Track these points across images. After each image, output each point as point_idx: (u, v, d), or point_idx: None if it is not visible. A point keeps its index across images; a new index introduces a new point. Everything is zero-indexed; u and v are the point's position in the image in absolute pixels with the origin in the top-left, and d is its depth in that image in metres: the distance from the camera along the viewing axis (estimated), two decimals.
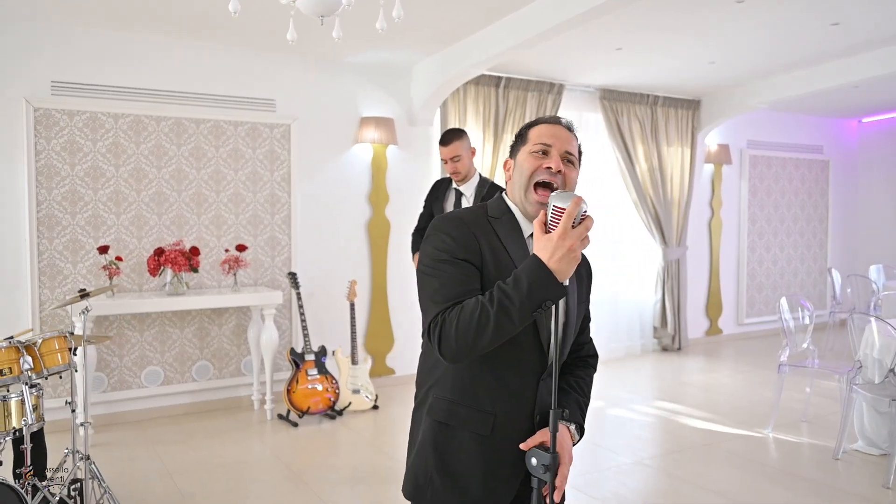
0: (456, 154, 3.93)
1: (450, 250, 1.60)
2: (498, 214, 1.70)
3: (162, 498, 3.77)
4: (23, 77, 4.68)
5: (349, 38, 5.24)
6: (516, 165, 1.72)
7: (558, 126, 1.73)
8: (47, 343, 3.22)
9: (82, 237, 4.90)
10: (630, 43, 5.64)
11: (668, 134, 7.61)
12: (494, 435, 1.66)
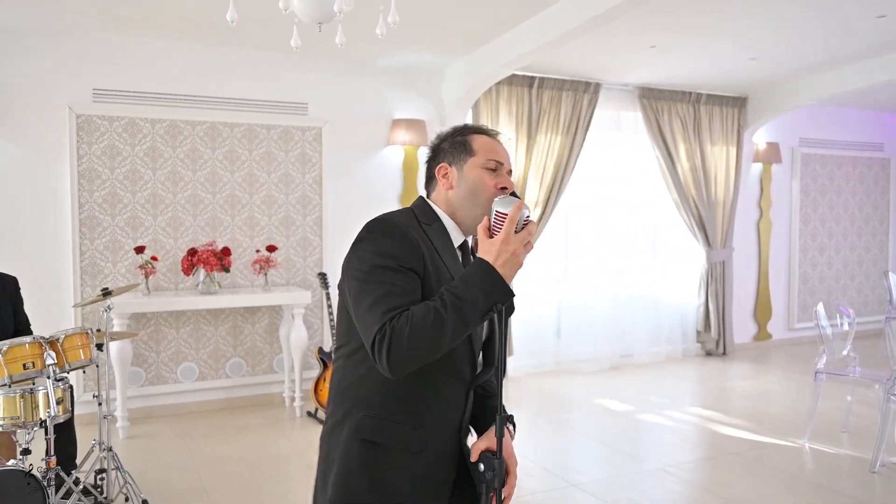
0: None
1: (394, 256, 1.52)
2: (429, 221, 1.66)
3: (184, 489, 3.90)
4: (66, 85, 4.93)
5: (379, 42, 5.31)
6: (462, 177, 1.67)
7: (498, 141, 1.73)
8: (70, 339, 3.38)
9: (122, 237, 5.12)
10: (663, 41, 5.53)
11: (711, 132, 7.40)
12: (426, 449, 1.62)
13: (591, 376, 6.67)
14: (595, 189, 7.04)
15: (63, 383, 3.36)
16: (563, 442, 4.85)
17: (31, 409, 3.20)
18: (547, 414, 5.46)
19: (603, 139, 6.99)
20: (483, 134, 1.71)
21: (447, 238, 1.67)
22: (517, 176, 6.39)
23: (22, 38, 4.82)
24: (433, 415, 1.62)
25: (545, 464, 4.31)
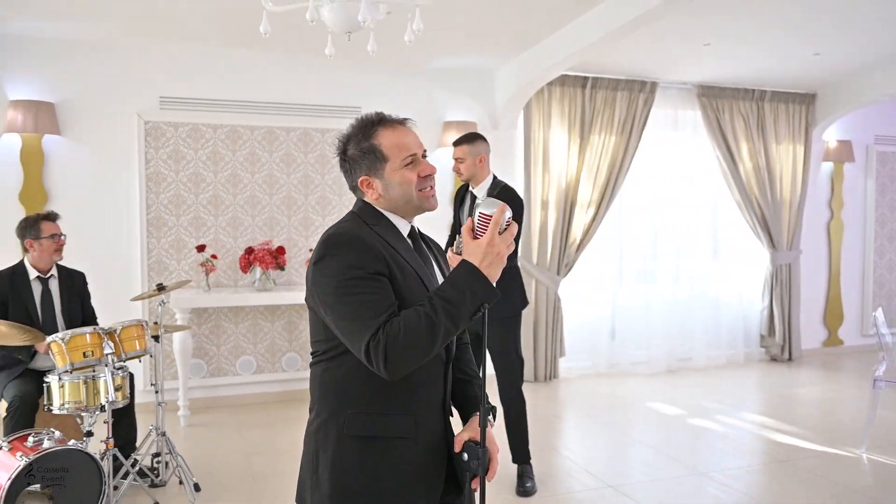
0: (459, 156, 3.95)
1: (361, 266, 1.56)
2: (375, 221, 1.70)
3: (234, 475, 4.11)
4: (135, 94, 5.27)
5: (430, 46, 5.43)
6: (387, 184, 1.70)
7: (401, 127, 1.74)
8: (127, 330, 3.63)
9: (185, 237, 5.43)
10: (718, 38, 5.42)
11: (777, 131, 7.17)
12: (418, 433, 1.67)
13: (645, 379, 6.58)
14: (652, 189, 6.94)
15: (122, 371, 3.62)
16: (607, 444, 4.82)
17: (92, 394, 3.47)
18: (595, 415, 5.43)
19: (660, 138, 6.88)
20: (385, 128, 1.72)
21: (396, 231, 1.72)
22: (570, 175, 6.38)
23: (94, 50, 5.18)
24: (418, 398, 1.68)
25: (586, 465, 4.31)
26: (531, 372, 6.40)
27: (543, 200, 6.36)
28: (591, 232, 6.49)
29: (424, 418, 1.69)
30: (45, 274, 3.95)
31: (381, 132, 1.71)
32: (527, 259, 6.36)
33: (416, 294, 1.62)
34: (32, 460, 3.05)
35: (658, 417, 5.37)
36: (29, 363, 3.80)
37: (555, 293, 6.42)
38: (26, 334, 3.41)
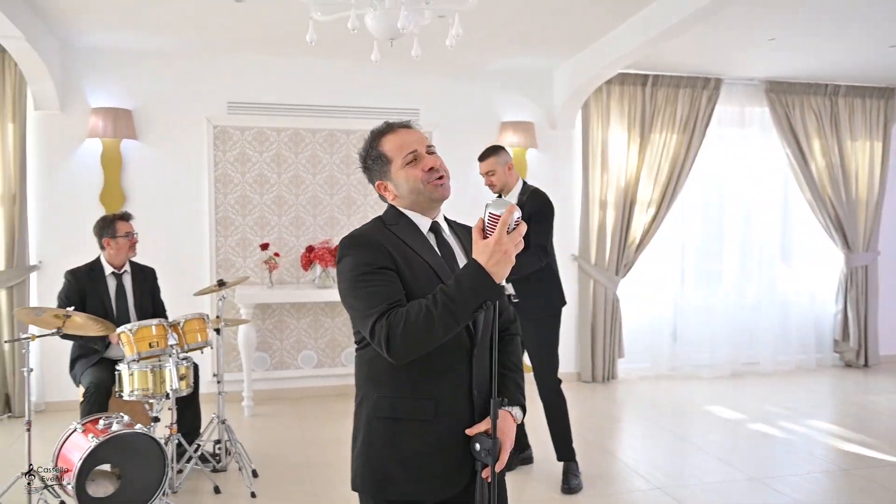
0: (490, 169, 4.02)
1: (368, 262, 1.70)
2: (395, 221, 1.82)
3: (288, 462, 4.29)
4: (205, 100, 5.56)
5: (487, 48, 5.51)
6: (397, 184, 1.81)
7: (402, 130, 1.84)
8: (189, 323, 3.86)
9: (250, 235, 5.68)
10: (784, 31, 5.24)
11: (852, 127, 6.87)
12: (439, 418, 1.76)
13: (708, 382, 6.43)
14: (717, 188, 6.79)
15: (186, 362, 3.84)
16: (660, 446, 4.76)
17: (158, 382, 3.70)
18: (651, 417, 5.36)
19: (725, 136, 6.71)
20: (388, 134, 1.83)
21: (414, 229, 1.82)
22: (630, 174, 6.32)
23: (167, 60, 5.50)
24: (440, 384, 1.76)
25: (636, 466, 4.28)
26: (589, 372, 6.37)
27: (602, 200, 6.32)
28: (652, 232, 6.40)
29: (447, 404, 1.76)
30: (120, 270, 4.23)
31: (385, 138, 1.83)
32: (584, 259, 6.33)
33: (424, 286, 1.70)
34: (102, 441, 3.30)
35: (717, 421, 5.26)
36: (104, 352, 4.08)
37: (613, 294, 6.37)
38: (100, 325, 3.67)
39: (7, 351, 5.19)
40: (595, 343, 6.36)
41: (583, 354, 6.40)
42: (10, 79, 5.09)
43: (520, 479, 4.00)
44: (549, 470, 4.06)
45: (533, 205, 3.93)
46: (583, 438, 4.56)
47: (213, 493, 3.82)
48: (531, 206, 3.93)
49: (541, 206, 3.96)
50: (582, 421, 5.09)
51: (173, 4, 4.52)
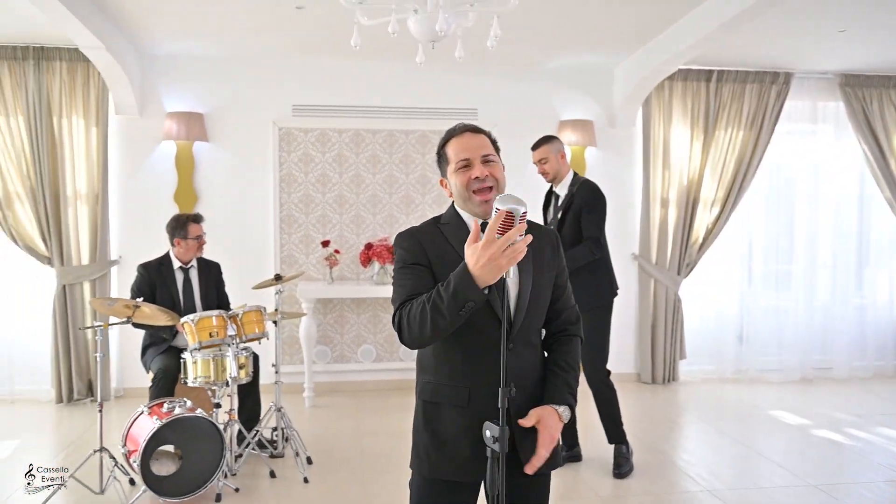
0: (542, 157, 4.08)
1: (404, 259, 1.91)
2: (448, 220, 1.96)
3: (344, 453, 4.45)
4: (271, 103, 5.80)
5: (546, 46, 5.53)
6: (451, 184, 1.96)
7: (465, 134, 1.94)
8: (247, 315, 4.07)
9: (313, 233, 5.90)
10: (856, 23, 5.03)
11: None
12: (472, 406, 1.86)
13: (775, 387, 6.23)
14: (787, 185, 6.57)
15: (246, 352, 4.06)
16: (714, 448, 4.66)
17: (219, 370, 3.92)
18: (709, 420, 5.25)
19: (796, 132, 6.48)
20: (455, 136, 1.96)
21: (462, 229, 1.91)
22: (693, 172, 6.19)
23: (236, 65, 5.78)
24: (473, 373, 1.87)
25: (687, 467, 4.22)
26: (649, 374, 6.28)
27: (663, 198, 6.22)
28: (716, 231, 6.25)
29: (479, 392, 1.85)
30: (187, 264, 4.49)
31: (451, 140, 1.97)
32: (645, 258, 6.25)
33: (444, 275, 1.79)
34: (165, 423, 3.53)
35: (777, 426, 5.10)
36: (172, 341, 4.35)
37: (675, 293, 6.25)
38: (166, 316, 3.93)
39: (90, 340, 5.58)
40: (655, 344, 6.27)
41: (642, 355, 6.31)
42: (94, 86, 5.47)
43: (570, 472, 4.03)
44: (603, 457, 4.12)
45: (583, 196, 3.98)
46: (637, 438, 4.53)
47: (269, 477, 4.01)
48: (581, 198, 3.97)
49: (592, 198, 3.99)
50: (638, 422, 5.04)
51: (240, 13, 4.76)
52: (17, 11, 4.59)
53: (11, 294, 5.62)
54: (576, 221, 3.98)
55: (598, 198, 4.03)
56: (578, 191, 4.01)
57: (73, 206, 5.53)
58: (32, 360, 5.65)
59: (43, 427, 5.08)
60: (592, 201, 3.99)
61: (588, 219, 3.96)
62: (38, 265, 5.52)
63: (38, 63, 5.39)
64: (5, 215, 5.41)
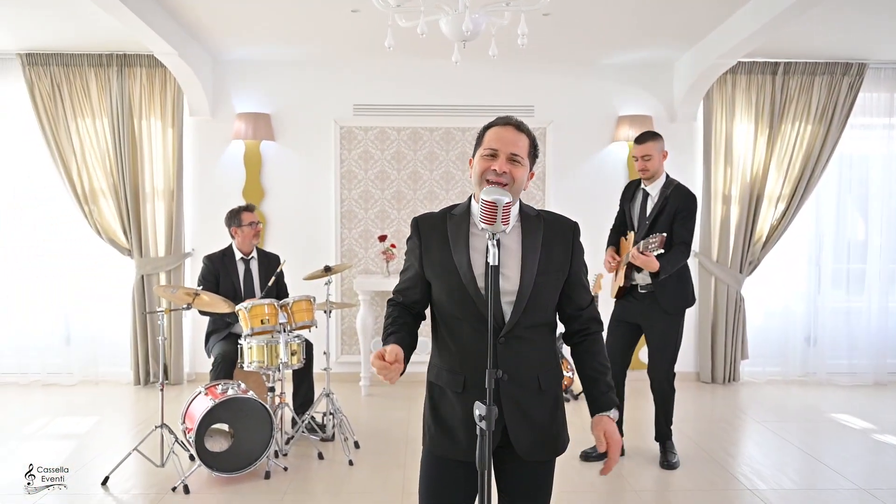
0: (647, 153, 4.01)
1: (406, 254, 2.11)
2: (458, 212, 2.02)
3: (390, 437, 4.62)
4: (333, 103, 6.05)
5: (604, 42, 5.53)
6: (473, 167, 1.98)
7: (508, 127, 1.94)
8: (297, 304, 4.28)
9: (372, 228, 6.10)
10: None
11: None
12: (467, 392, 1.94)
13: (844, 390, 5.99)
14: (860, 181, 6.29)
15: (298, 339, 4.28)
16: (766, 448, 4.54)
17: (272, 356, 4.16)
18: (765, 421, 5.10)
19: (871, 125, 6.19)
20: (494, 126, 1.97)
21: (465, 221, 1.99)
22: (756, 168, 6.02)
23: (299, 68, 6.06)
24: (468, 363, 1.95)
25: (734, 466, 4.15)
26: (708, 373, 6.16)
27: (725, 195, 6.08)
28: (781, 228, 6.06)
29: (473, 380, 1.94)
30: (248, 256, 4.77)
31: (493, 128, 1.99)
32: (706, 256, 6.13)
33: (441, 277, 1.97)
34: (218, 403, 3.79)
35: (837, 428, 4.92)
36: (233, 327, 4.63)
37: (737, 292, 6.10)
38: (225, 303, 4.20)
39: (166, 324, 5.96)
40: (716, 343, 6.14)
41: (702, 354, 6.19)
42: (170, 90, 5.86)
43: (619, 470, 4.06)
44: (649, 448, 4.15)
45: (678, 200, 3.98)
46: (685, 435, 4.49)
47: (317, 458, 4.21)
48: (675, 202, 3.97)
49: (687, 203, 4.00)
50: (692, 420, 4.99)
51: (302, 18, 5.00)
52: (101, 22, 4.98)
53: (95, 283, 6.09)
54: (668, 224, 3.95)
55: (693, 203, 4.02)
56: (673, 194, 3.99)
57: (151, 202, 5.95)
58: (114, 345, 6.11)
59: (121, 406, 5.49)
60: (687, 207, 3.98)
61: (681, 223, 3.95)
62: (119, 256, 5.97)
63: (120, 69, 5.83)
64: (90, 210, 5.87)
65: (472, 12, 2.95)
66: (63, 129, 5.81)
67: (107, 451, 4.29)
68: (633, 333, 4.19)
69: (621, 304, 4.19)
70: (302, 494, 3.74)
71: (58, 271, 6.04)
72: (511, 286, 1.94)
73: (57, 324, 6.11)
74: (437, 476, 2.05)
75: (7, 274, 6.04)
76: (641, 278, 4.02)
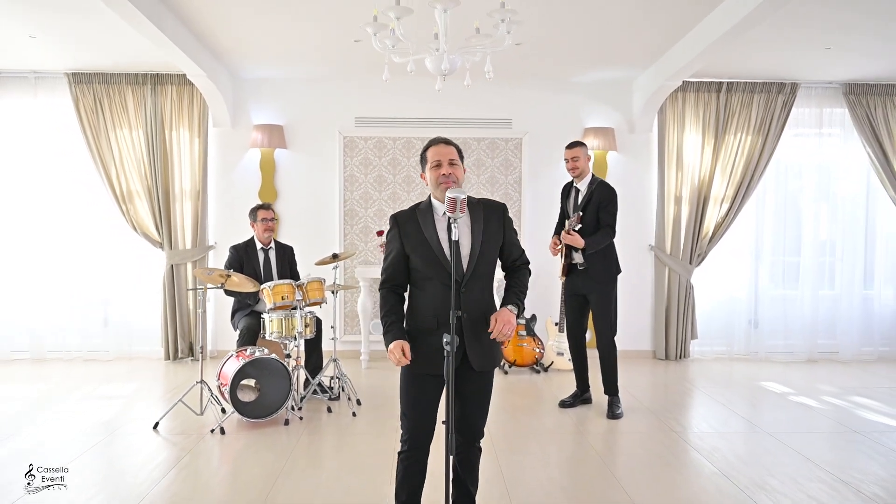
0: (575, 156, 5.07)
1: (387, 243, 2.91)
2: (423, 207, 2.87)
3: (385, 398, 5.51)
4: (337, 116, 6.98)
5: (573, 63, 6.46)
6: (427, 177, 2.87)
7: (440, 144, 2.86)
8: (311, 284, 5.19)
9: (371, 224, 7.03)
10: (837, 40, 5.72)
11: None
12: (439, 329, 2.81)
13: (781, 366, 6.92)
14: (795, 184, 7.23)
15: (310, 314, 5.20)
16: (697, 406, 5.47)
17: (290, 327, 5.06)
18: (705, 388, 6.01)
19: (803, 136, 7.14)
20: (431, 146, 2.88)
21: (429, 212, 2.88)
22: (703, 173, 6.97)
23: (307, 85, 6.99)
24: (439, 308, 2.81)
25: (668, 419, 5.07)
26: (663, 351, 7.10)
27: (677, 196, 7.02)
28: (725, 225, 7.00)
29: (443, 321, 2.80)
30: (266, 246, 5.68)
31: (430, 148, 2.90)
32: (660, 249, 7.06)
33: (417, 250, 2.80)
34: (246, 362, 4.70)
35: (764, 393, 5.85)
36: (254, 305, 5.54)
37: (687, 281, 7.04)
38: (250, 284, 5.10)
39: (191, 309, 6.90)
40: (669, 325, 7.08)
41: (657, 335, 7.13)
42: (197, 105, 6.78)
43: (581, 412, 5.09)
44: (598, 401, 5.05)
45: (601, 193, 5.00)
46: (633, 398, 5.42)
47: (326, 412, 5.13)
48: (600, 194, 5.00)
49: (609, 195, 5.02)
50: (646, 389, 5.92)
51: (310, 44, 5.93)
52: (138, 46, 5.88)
53: (130, 272, 7.00)
54: (595, 213, 4.98)
55: (614, 194, 5.04)
56: (597, 189, 5.00)
57: (180, 202, 6.87)
58: (146, 327, 7.02)
59: (154, 376, 6.39)
60: (610, 197, 5.01)
61: (606, 211, 4.96)
62: (151, 249, 6.89)
63: (153, 87, 6.75)
64: (127, 208, 6.79)
65: (449, 54, 3.87)
66: (104, 138, 6.72)
67: (150, 407, 5.21)
68: (583, 304, 5.16)
69: (568, 280, 5.16)
70: (315, 436, 4.65)
71: (97, 261, 6.96)
72: (466, 251, 2.85)
73: (96, 308, 7.03)
74: (416, 385, 2.94)
75: (52, 265, 6.95)
76: (578, 257, 5.00)
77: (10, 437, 4.52)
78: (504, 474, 3.91)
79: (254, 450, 4.32)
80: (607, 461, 4.15)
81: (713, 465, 4.05)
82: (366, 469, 3.99)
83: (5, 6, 5.07)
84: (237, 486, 3.76)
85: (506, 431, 4.69)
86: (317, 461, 4.18)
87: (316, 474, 3.94)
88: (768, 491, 3.67)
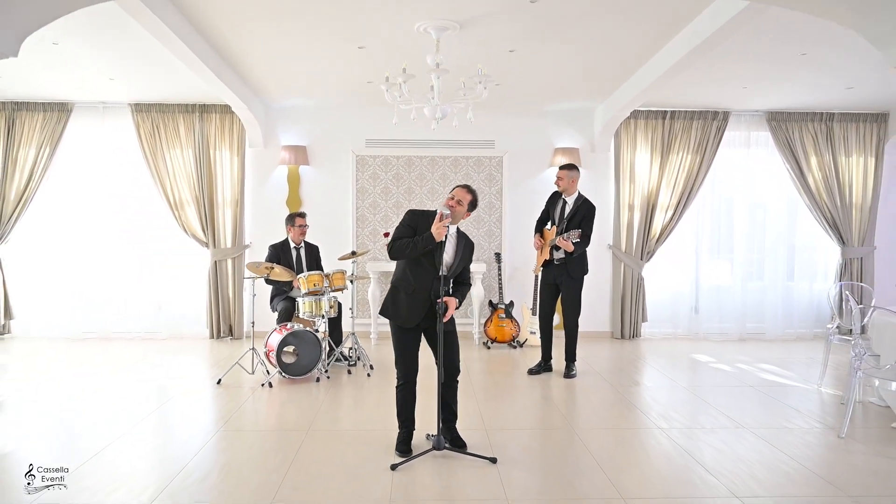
0: (561, 176, 6.45)
1: (407, 223, 4.23)
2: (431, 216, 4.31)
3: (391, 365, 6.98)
4: (351, 138, 8.47)
5: (545, 96, 7.92)
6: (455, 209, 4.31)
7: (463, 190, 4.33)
8: (335, 274, 6.66)
9: (378, 227, 8.52)
10: (751, 79, 7.21)
11: (847, 146, 8.51)
12: (415, 294, 4.27)
13: (716, 344, 8.42)
14: (728, 195, 8.76)
15: (334, 298, 6.68)
16: (640, 372, 6.95)
17: (318, 308, 6.54)
18: (649, 359, 7.51)
19: (734, 155, 8.66)
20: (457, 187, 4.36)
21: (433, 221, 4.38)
22: (651, 185, 8.47)
23: (326, 112, 8.47)
24: (418, 279, 4.24)
25: (613, 380, 6.56)
26: (619, 331, 8.60)
27: (630, 204, 8.52)
28: (670, 228, 8.51)
29: (421, 286, 4.26)
30: (298, 245, 7.17)
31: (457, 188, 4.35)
32: (616, 247, 8.57)
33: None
34: (287, 334, 6.19)
35: (690, 361, 7.36)
36: (290, 292, 7.03)
37: (639, 274, 8.54)
38: (288, 274, 6.58)
39: (231, 295, 8.39)
40: (624, 310, 8.58)
41: (614, 318, 8.64)
42: (236, 130, 8.27)
43: (544, 377, 6.54)
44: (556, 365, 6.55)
45: (585, 209, 6.38)
46: (591, 367, 6.94)
47: (347, 374, 6.62)
48: (583, 210, 6.37)
49: (590, 211, 6.41)
50: (602, 361, 7.42)
51: (330, 81, 7.40)
52: (189, 83, 7.34)
53: (181, 267, 8.49)
54: (577, 223, 6.34)
55: (593, 212, 6.42)
56: (583, 205, 6.42)
57: (222, 209, 8.35)
58: (194, 312, 8.51)
59: (203, 352, 7.87)
60: (591, 214, 6.39)
61: (587, 224, 6.36)
62: (198, 247, 8.37)
63: (201, 115, 8.24)
64: (179, 214, 8.28)
65: (440, 104, 5.36)
66: (160, 157, 8.21)
67: (208, 371, 6.71)
68: (554, 292, 6.60)
69: (545, 271, 6.60)
70: (339, 389, 6.13)
71: (153, 258, 8.45)
72: (448, 260, 4.31)
73: (151, 296, 8.51)
74: (402, 335, 4.33)
75: (116, 261, 8.43)
76: (557, 255, 6.44)
77: (102, 388, 6.01)
78: (482, 415, 5.38)
79: (294, 398, 5.80)
80: (561, 408, 5.65)
81: (639, 408, 5.56)
82: (376, 409, 5.48)
83: (95, 56, 6.52)
84: (284, 420, 5.25)
85: (486, 387, 6.18)
86: (341, 405, 5.67)
87: (341, 413, 5.43)
88: (668, 419, 5.17)
